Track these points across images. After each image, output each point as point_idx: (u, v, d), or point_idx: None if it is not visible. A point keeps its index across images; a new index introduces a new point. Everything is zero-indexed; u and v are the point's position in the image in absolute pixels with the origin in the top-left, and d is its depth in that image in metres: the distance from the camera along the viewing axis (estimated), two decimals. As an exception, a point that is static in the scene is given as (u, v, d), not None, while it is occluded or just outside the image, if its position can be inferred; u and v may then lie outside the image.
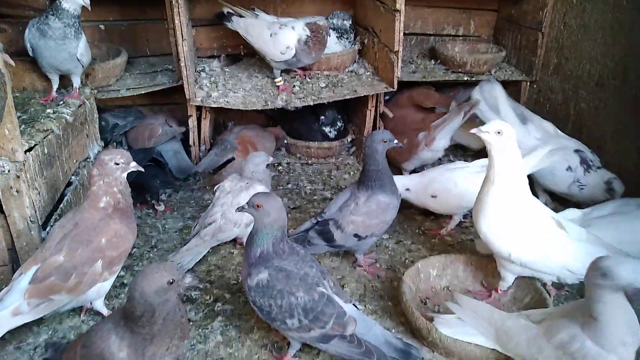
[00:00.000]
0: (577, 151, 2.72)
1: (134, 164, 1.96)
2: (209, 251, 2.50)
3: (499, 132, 1.90)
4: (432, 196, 2.60)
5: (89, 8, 2.42)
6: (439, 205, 2.63)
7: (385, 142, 2.22)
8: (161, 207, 2.91)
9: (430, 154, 3.09)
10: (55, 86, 2.59)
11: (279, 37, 3.06)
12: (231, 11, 3.18)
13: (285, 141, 3.63)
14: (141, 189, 2.79)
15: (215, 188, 2.59)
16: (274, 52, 3.10)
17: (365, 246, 2.40)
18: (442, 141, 3.03)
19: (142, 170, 2.04)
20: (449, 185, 2.56)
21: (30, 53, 2.48)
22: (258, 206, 1.75)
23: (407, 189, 2.66)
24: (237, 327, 2.07)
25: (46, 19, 2.40)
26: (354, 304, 1.86)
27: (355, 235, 2.29)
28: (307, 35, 3.05)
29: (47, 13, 2.42)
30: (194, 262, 2.41)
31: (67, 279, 1.81)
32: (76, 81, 2.62)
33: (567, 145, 2.72)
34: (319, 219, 2.36)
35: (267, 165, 2.59)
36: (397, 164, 3.14)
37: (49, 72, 2.55)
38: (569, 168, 2.68)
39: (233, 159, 3.22)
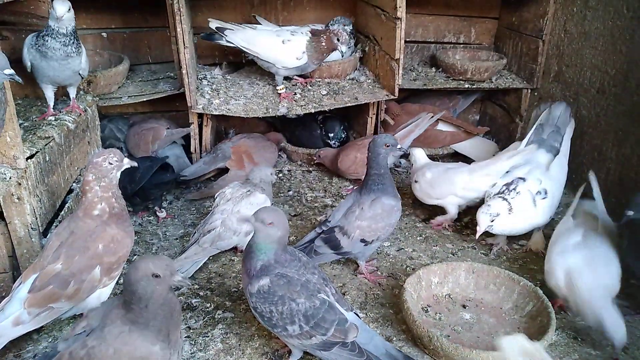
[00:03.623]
0: None
1: (127, 160, 1.95)
2: (209, 259, 2.49)
3: None
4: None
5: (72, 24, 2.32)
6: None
7: (388, 146, 2.25)
8: (163, 214, 2.90)
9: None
10: (51, 103, 2.50)
11: (293, 43, 3.06)
12: (221, 26, 3.07)
13: (282, 144, 3.61)
14: (145, 195, 2.79)
15: (216, 195, 2.59)
16: (288, 58, 3.09)
17: (370, 251, 2.39)
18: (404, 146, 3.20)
19: (136, 165, 2.02)
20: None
21: (29, 70, 2.41)
22: (270, 224, 1.74)
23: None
24: (237, 334, 2.06)
25: (43, 39, 2.30)
26: (355, 313, 1.86)
27: (362, 241, 2.29)
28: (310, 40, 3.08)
29: (43, 32, 2.32)
30: (194, 269, 2.40)
31: (66, 286, 1.80)
32: (72, 92, 2.58)
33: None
34: (324, 228, 2.36)
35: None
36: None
37: (46, 86, 2.46)
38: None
39: (227, 169, 3.18)
